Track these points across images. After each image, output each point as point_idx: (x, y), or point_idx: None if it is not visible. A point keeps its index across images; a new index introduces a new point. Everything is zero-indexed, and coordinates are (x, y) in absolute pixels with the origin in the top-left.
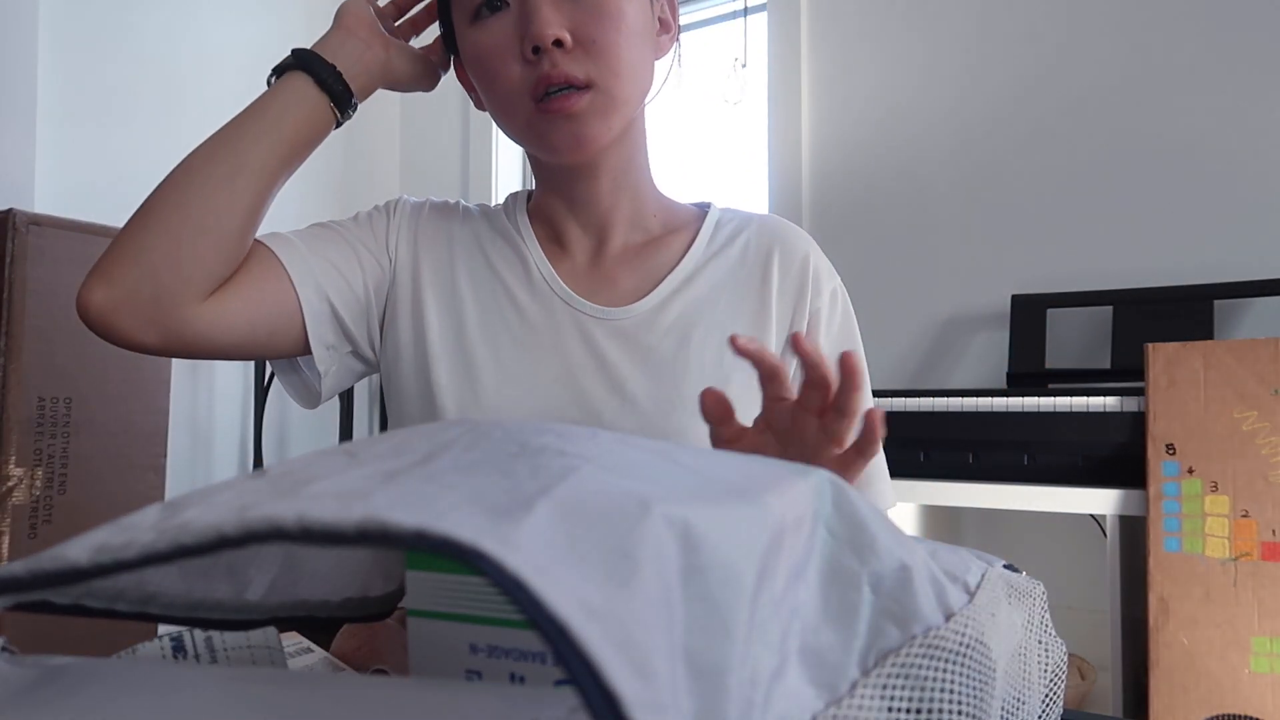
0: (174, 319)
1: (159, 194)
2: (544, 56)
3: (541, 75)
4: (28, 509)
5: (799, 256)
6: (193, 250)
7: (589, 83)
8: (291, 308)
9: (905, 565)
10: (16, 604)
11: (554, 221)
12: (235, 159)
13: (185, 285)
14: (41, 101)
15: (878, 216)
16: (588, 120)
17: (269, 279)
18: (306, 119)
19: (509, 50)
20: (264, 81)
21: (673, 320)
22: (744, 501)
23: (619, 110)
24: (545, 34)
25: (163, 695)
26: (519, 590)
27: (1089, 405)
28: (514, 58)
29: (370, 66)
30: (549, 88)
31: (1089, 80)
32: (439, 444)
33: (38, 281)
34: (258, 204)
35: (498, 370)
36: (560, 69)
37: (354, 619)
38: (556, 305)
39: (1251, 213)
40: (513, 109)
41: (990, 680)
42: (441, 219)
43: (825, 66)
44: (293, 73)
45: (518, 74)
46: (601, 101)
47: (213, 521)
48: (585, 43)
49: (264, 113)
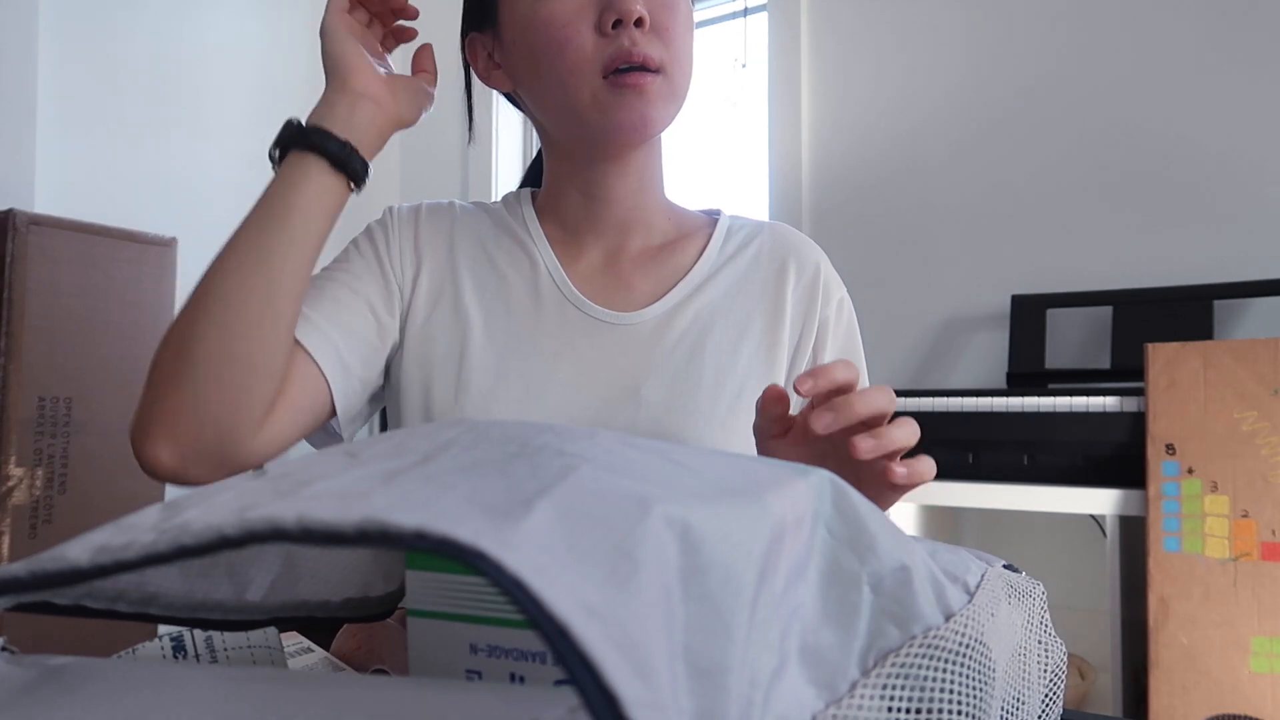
0: (239, 456)
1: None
2: (624, 32)
3: (621, 50)
4: (28, 509)
5: (811, 265)
6: (247, 391)
7: (660, 67)
8: (325, 399)
9: (905, 565)
10: (17, 605)
11: (570, 220)
12: (269, 283)
13: (246, 422)
14: (41, 101)
15: (878, 216)
16: (655, 103)
17: (307, 382)
18: (329, 211)
19: (583, 20)
20: (265, 82)
21: (686, 326)
22: (744, 501)
23: (677, 100)
24: (634, 8)
25: (163, 695)
26: (519, 590)
27: (1089, 405)
28: (588, 28)
29: (383, 128)
30: (624, 64)
31: (1089, 80)
32: (439, 444)
33: (38, 281)
34: (296, 314)
35: (505, 376)
36: (640, 47)
37: (354, 619)
38: (567, 309)
39: (1251, 213)
40: (579, 80)
41: (990, 680)
42: (439, 222)
43: (825, 66)
44: (304, 157)
45: (590, 45)
46: (668, 88)
47: (213, 522)
48: (659, 27)
49: (286, 218)
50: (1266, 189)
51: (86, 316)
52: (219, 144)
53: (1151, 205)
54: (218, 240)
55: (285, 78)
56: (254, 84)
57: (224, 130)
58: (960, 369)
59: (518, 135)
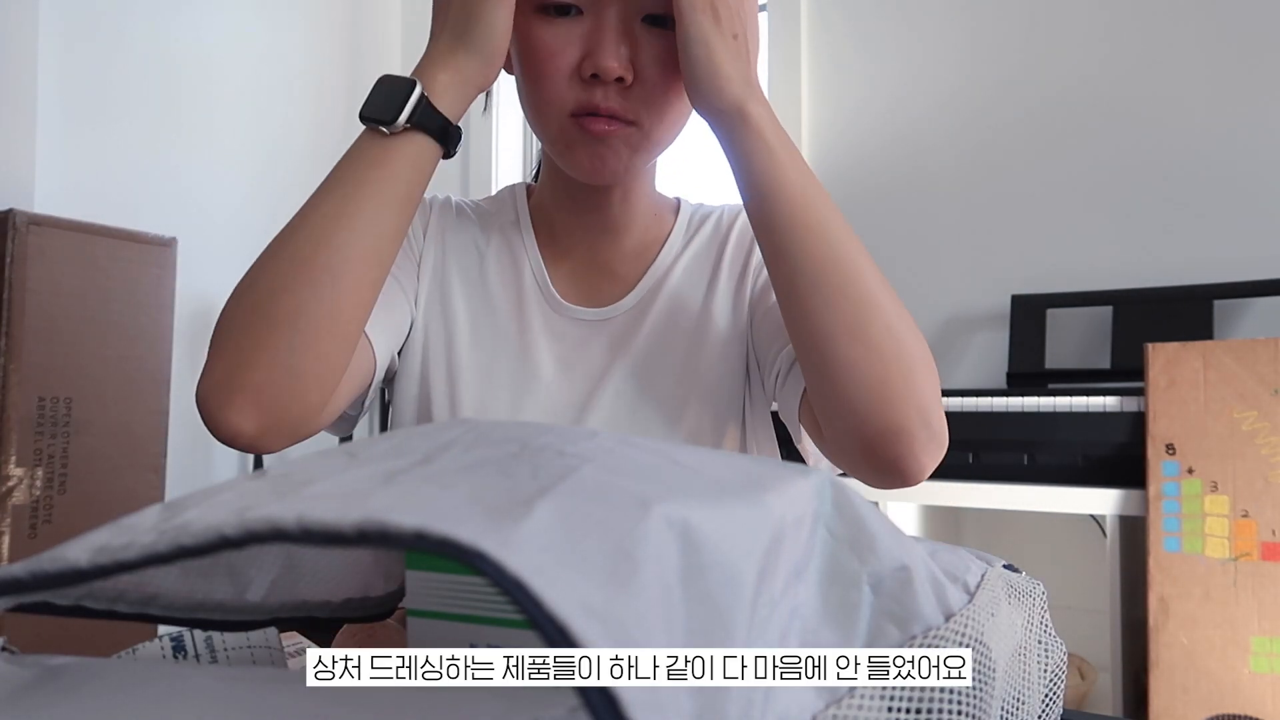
0: (313, 426)
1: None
2: (598, 86)
3: (589, 102)
4: (28, 509)
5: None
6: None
7: (635, 121)
8: (369, 372)
9: (905, 565)
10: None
11: (558, 218)
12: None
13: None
14: (41, 101)
15: (877, 216)
16: (617, 150)
17: (362, 360)
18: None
19: (566, 59)
20: (265, 82)
21: (657, 311)
22: (744, 501)
23: (649, 150)
24: (611, 68)
25: (162, 695)
26: (519, 590)
27: (1089, 405)
28: (569, 68)
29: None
30: (591, 111)
31: (1089, 80)
32: (439, 444)
33: (38, 281)
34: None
35: (491, 377)
36: (610, 104)
37: (354, 619)
38: (549, 311)
39: (1251, 213)
40: (547, 113)
41: (990, 680)
42: (442, 218)
43: (825, 66)
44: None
45: (565, 86)
46: (637, 139)
47: (213, 522)
48: (646, 83)
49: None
50: (1266, 189)
51: (86, 316)
52: (219, 144)
53: (1151, 205)
54: (218, 240)
55: (286, 77)
56: (254, 84)
57: (224, 130)
58: (960, 369)
59: (518, 135)
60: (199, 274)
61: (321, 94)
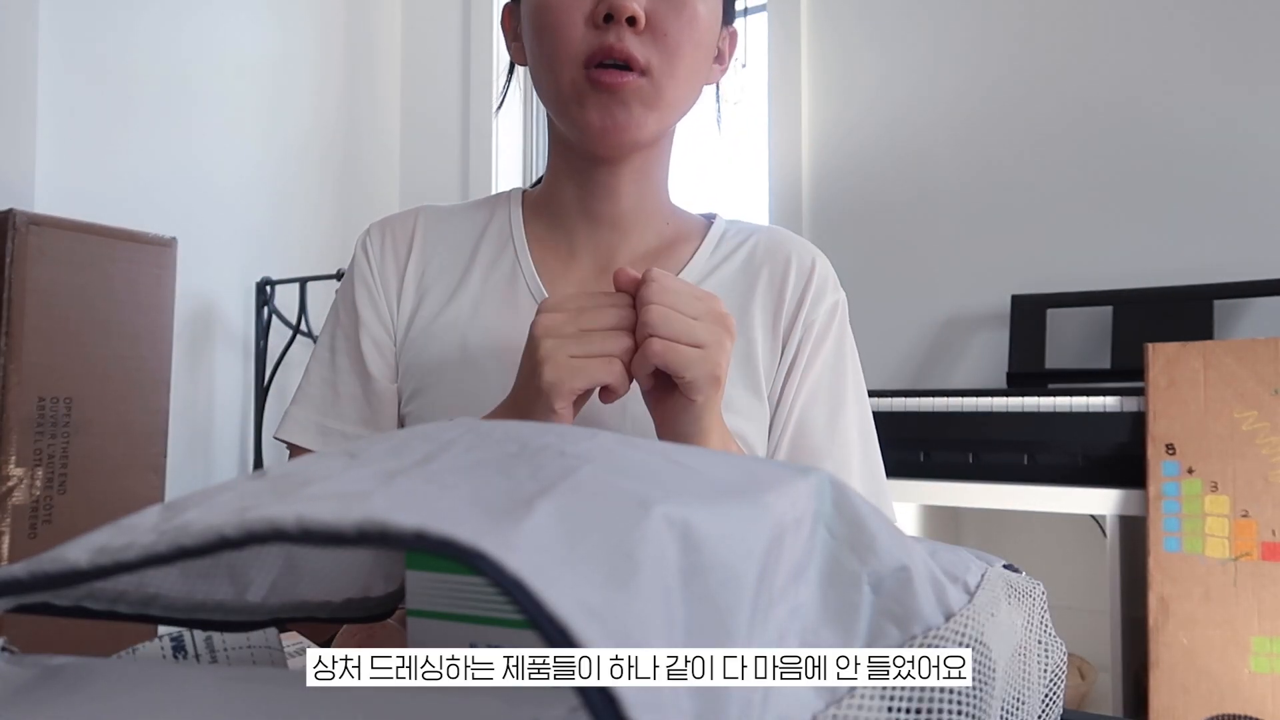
0: None
1: None
2: (613, 28)
3: (604, 44)
4: (28, 509)
5: (807, 263)
6: None
7: (646, 69)
8: None
9: (905, 565)
10: (17, 606)
11: (565, 218)
12: None
13: None
14: (41, 101)
15: (878, 216)
16: (630, 106)
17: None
18: None
19: (578, 9)
20: (266, 82)
21: None
22: (744, 501)
23: (661, 109)
24: (627, 5)
25: (162, 695)
26: (519, 590)
27: (1089, 405)
28: (581, 18)
29: None
30: (605, 59)
31: (1089, 80)
32: (439, 444)
33: (38, 281)
34: None
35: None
36: (625, 44)
37: (354, 619)
38: None
39: (1251, 213)
40: (560, 69)
41: (990, 680)
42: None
43: (825, 66)
44: None
45: (579, 35)
46: (650, 93)
47: (213, 523)
48: (657, 30)
49: None
50: (1266, 189)
51: (86, 316)
52: (219, 144)
53: (1151, 205)
54: (218, 240)
55: (286, 77)
56: (255, 84)
57: (224, 130)
58: (960, 369)
59: (518, 135)
60: (199, 274)
61: (322, 94)
